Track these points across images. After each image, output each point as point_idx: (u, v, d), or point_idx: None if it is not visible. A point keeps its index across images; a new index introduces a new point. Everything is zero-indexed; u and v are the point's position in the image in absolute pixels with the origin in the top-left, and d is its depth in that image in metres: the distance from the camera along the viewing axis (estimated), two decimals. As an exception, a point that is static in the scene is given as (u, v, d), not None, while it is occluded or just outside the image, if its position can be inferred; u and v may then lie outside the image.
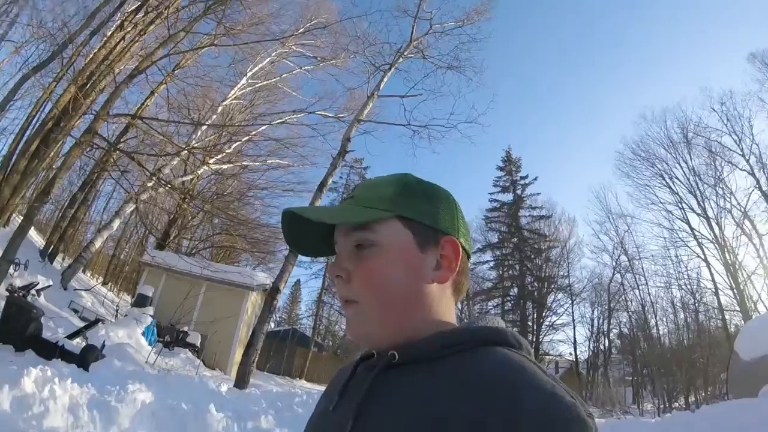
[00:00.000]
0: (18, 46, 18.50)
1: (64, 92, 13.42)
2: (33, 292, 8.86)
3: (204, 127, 16.58)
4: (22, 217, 12.34)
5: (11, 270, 9.10)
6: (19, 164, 13.02)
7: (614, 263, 30.24)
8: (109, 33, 14.30)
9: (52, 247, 17.86)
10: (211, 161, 16.93)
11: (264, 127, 19.26)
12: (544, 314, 34.06)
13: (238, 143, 18.59)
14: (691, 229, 25.90)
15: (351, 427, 0.63)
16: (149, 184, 14.51)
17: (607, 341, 32.01)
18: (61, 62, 13.26)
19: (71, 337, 7.76)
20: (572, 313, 33.25)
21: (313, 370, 27.19)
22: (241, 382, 10.21)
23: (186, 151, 12.87)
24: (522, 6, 53.32)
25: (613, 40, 58.14)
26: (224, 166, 18.77)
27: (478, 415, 0.54)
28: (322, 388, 0.78)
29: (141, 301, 13.32)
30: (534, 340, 33.13)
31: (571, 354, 33.19)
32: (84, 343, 7.49)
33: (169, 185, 13.97)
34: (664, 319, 28.50)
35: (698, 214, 25.68)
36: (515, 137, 67.88)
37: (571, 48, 61.33)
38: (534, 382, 0.56)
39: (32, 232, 14.07)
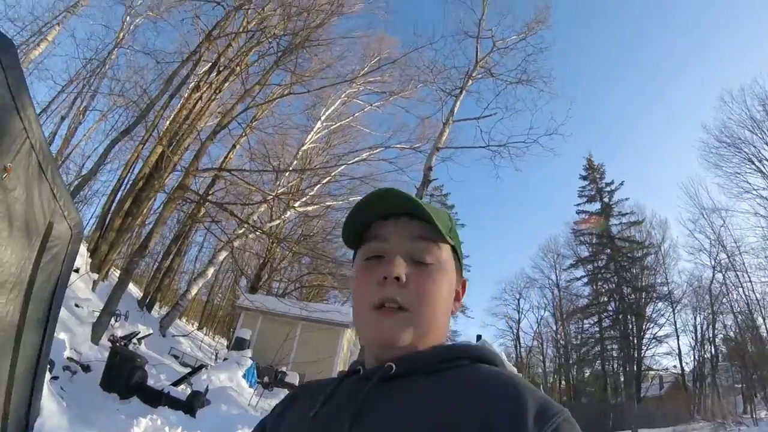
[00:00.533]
0: (103, 113, 20.15)
1: (151, 153, 14.23)
2: (134, 341, 9.07)
3: (286, 174, 16.97)
4: (119, 271, 12.90)
5: (112, 321, 9.40)
6: (114, 222, 13.84)
7: (713, 262, 27.51)
8: (187, 94, 15.13)
9: (149, 297, 18.72)
10: (296, 204, 17.32)
11: (342, 167, 19.51)
12: (644, 326, 32.00)
13: (319, 185, 18.93)
14: (789, 212, 23.45)
15: None
16: (240, 231, 14.91)
17: (713, 348, 29.46)
18: (145, 125, 14.07)
19: (176, 383, 7.80)
20: (674, 321, 31.16)
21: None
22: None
23: (272, 198, 13.12)
24: (590, 9, 51.85)
25: (684, 23, 55.19)
26: (309, 208, 19.08)
27: (485, 411, 0.58)
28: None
29: (239, 344, 13.50)
30: (636, 356, 31.14)
31: (675, 367, 31.15)
32: (189, 389, 7.49)
33: (260, 230, 14.30)
34: (771, 316, 25.76)
35: (794, 196, 23.19)
36: (595, 143, 65.37)
37: (641, 44, 59.00)
38: (530, 388, 0.61)
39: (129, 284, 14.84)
